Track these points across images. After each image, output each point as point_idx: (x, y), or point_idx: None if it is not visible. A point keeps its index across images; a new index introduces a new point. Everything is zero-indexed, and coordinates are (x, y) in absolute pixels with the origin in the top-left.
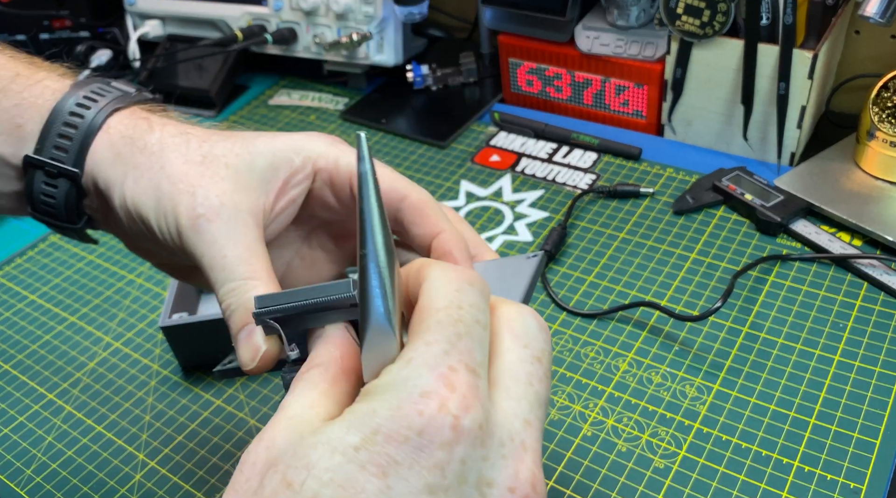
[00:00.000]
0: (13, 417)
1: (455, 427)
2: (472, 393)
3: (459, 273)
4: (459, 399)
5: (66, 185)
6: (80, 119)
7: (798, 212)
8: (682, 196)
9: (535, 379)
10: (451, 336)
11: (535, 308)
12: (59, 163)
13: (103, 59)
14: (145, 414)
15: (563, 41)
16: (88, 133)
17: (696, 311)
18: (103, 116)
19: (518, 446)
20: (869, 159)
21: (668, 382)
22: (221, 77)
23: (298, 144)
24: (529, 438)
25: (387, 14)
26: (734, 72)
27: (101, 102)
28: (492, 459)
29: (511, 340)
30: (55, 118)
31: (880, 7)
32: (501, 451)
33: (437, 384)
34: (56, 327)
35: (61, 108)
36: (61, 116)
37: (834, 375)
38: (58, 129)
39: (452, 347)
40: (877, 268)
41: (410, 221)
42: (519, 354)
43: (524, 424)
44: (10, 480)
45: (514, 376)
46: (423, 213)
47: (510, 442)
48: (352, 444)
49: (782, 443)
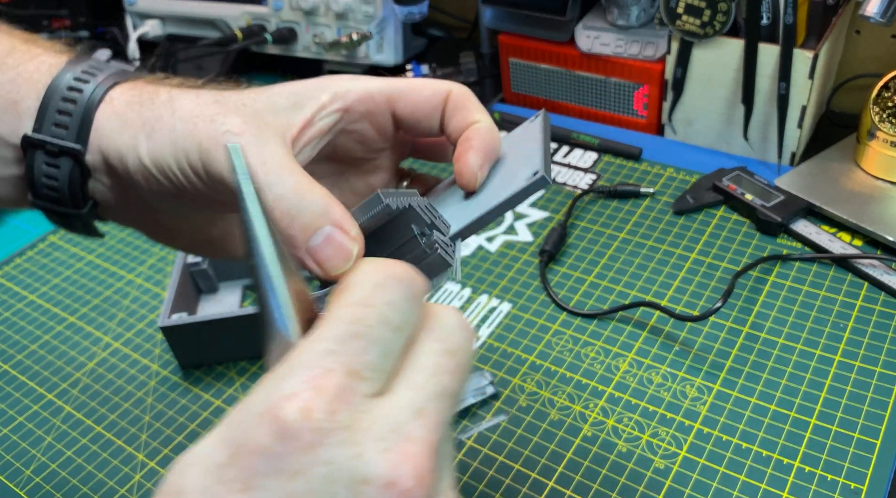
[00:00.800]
0: (13, 417)
1: (317, 430)
2: (341, 394)
3: (388, 268)
4: (326, 401)
5: (69, 165)
6: (79, 93)
7: (798, 212)
8: (683, 196)
9: (442, 370)
10: (342, 335)
11: (535, 308)
12: (60, 140)
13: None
14: (145, 414)
15: (563, 41)
16: (89, 107)
17: (696, 311)
18: (103, 89)
19: (402, 439)
20: (869, 159)
21: (669, 383)
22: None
23: (322, 83)
24: (420, 429)
25: (387, 14)
26: (735, 71)
27: (99, 76)
28: (367, 455)
29: (427, 334)
30: (52, 93)
31: (881, 7)
32: (381, 445)
33: (304, 386)
34: (55, 327)
35: (59, 83)
36: (59, 91)
37: (834, 376)
38: (56, 104)
39: (340, 346)
40: (877, 268)
41: (450, 115)
42: (431, 346)
43: (415, 414)
44: (10, 480)
45: (419, 367)
46: (464, 105)
47: (392, 435)
48: (219, 462)
49: (783, 443)
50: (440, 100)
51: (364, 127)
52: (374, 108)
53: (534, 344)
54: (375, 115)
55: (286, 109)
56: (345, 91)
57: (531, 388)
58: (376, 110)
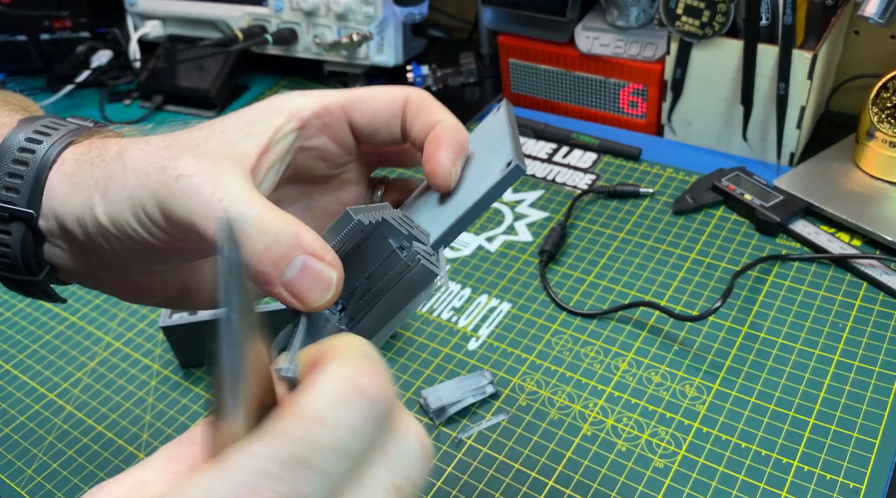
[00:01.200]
0: (14, 416)
1: None
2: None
3: (358, 379)
4: None
5: (21, 231)
6: (31, 154)
7: (797, 212)
8: (682, 196)
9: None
10: (286, 458)
11: (535, 308)
12: (11, 205)
13: (104, 60)
14: (146, 414)
15: (562, 41)
16: (41, 169)
17: (695, 311)
18: (57, 149)
19: None
20: (868, 159)
21: (668, 382)
22: (222, 77)
23: (275, 105)
24: None
25: (387, 14)
26: (734, 72)
27: (54, 136)
28: None
29: (381, 458)
30: (3, 154)
31: (880, 7)
32: None
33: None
34: (57, 327)
35: (10, 144)
36: (10, 153)
37: (833, 375)
38: (6, 167)
39: (281, 470)
40: (876, 268)
41: (412, 119)
42: (381, 475)
43: None
44: (11, 479)
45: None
46: (424, 106)
47: None
48: None
49: (782, 442)
50: (398, 105)
51: (323, 142)
52: (330, 120)
53: (533, 344)
54: (333, 128)
55: (241, 140)
56: (298, 108)
57: (531, 387)
58: (333, 123)
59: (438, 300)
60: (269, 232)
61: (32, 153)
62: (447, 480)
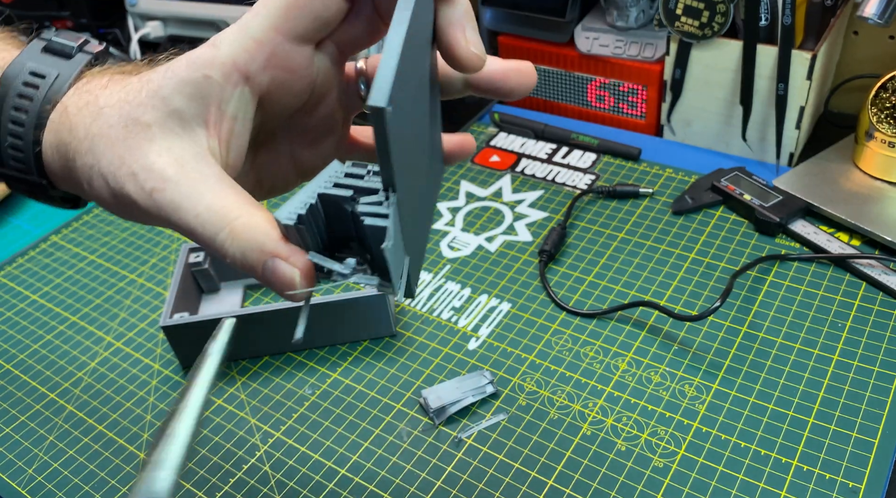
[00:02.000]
0: (15, 416)
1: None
2: None
3: None
4: None
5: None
6: (36, 89)
7: (797, 212)
8: (682, 196)
9: None
10: None
11: (535, 308)
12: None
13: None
14: (146, 413)
15: (562, 42)
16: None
17: (695, 310)
18: (40, 117)
19: None
20: (867, 159)
21: (668, 382)
22: None
23: (204, 58)
24: None
25: None
26: (733, 72)
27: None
28: None
29: None
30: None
31: (879, 8)
32: None
33: None
34: (57, 327)
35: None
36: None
37: (832, 375)
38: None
39: None
40: (875, 268)
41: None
42: None
43: None
44: (12, 479)
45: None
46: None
47: None
48: None
49: (781, 442)
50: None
51: (280, 78)
52: (275, 50)
53: (533, 343)
54: (279, 57)
55: (187, 109)
56: (233, 57)
57: (531, 387)
58: (277, 52)
59: (438, 300)
60: (241, 240)
61: (37, 88)
62: (447, 480)
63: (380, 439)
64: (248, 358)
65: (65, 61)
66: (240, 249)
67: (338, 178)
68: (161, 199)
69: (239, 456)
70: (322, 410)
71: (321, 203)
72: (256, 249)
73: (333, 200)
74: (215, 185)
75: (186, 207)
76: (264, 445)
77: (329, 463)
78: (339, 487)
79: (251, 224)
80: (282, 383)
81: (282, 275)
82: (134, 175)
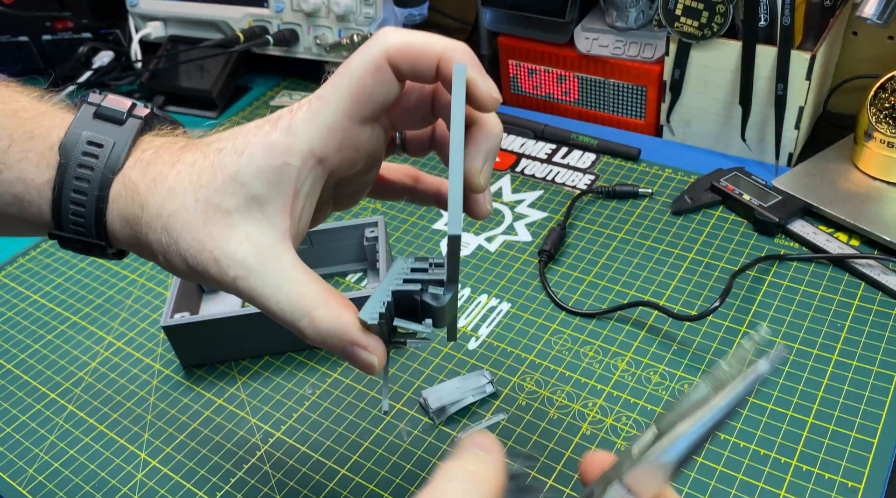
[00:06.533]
0: (15, 416)
1: None
2: None
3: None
4: None
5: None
6: (84, 196)
7: (796, 212)
8: (681, 196)
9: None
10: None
11: (534, 308)
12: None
13: (105, 61)
14: (147, 413)
15: (562, 42)
16: (99, 209)
17: (694, 310)
18: (103, 187)
19: None
20: (866, 160)
21: (667, 382)
22: (223, 78)
23: (281, 146)
24: None
25: (387, 15)
26: (732, 73)
27: (96, 170)
28: None
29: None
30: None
31: (878, 8)
32: None
33: None
34: (58, 327)
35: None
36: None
37: (832, 375)
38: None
39: None
40: (874, 268)
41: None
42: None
43: None
44: (13, 479)
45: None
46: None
47: None
48: None
49: (780, 442)
50: (428, 90)
51: (347, 156)
52: (346, 134)
53: (533, 343)
54: (349, 140)
55: (266, 194)
56: (310, 143)
57: (530, 387)
58: (346, 137)
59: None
60: (321, 330)
61: (96, 158)
62: None
63: (380, 439)
64: (249, 358)
65: (118, 127)
66: (320, 337)
67: (406, 275)
68: (244, 285)
69: (239, 456)
70: (322, 410)
71: (394, 297)
72: (336, 338)
73: (406, 294)
74: (293, 274)
75: (268, 295)
76: (265, 445)
77: (329, 463)
78: (339, 487)
79: (330, 316)
80: (282, 383)
81: (362, 360)
82: (216, 260)
